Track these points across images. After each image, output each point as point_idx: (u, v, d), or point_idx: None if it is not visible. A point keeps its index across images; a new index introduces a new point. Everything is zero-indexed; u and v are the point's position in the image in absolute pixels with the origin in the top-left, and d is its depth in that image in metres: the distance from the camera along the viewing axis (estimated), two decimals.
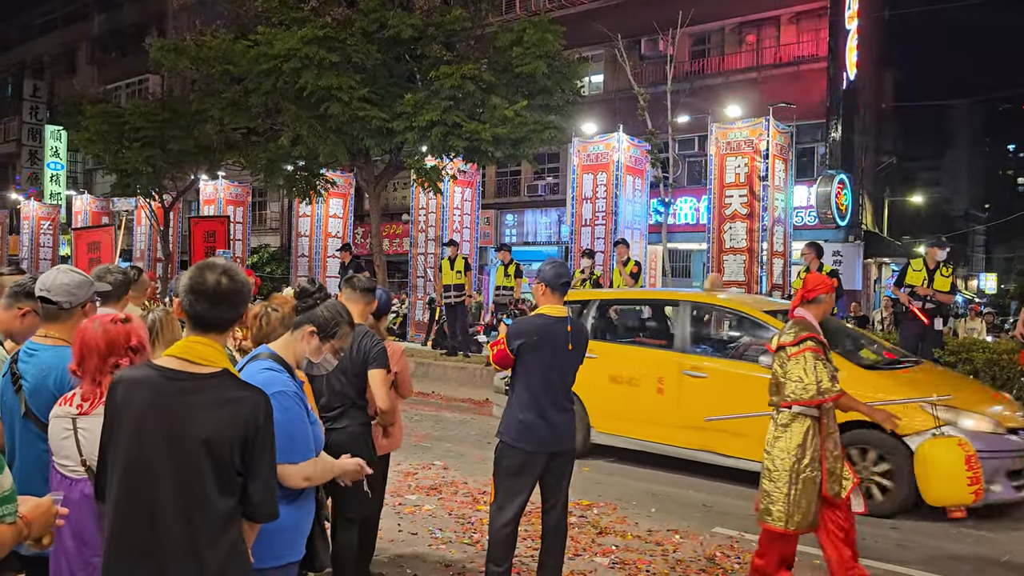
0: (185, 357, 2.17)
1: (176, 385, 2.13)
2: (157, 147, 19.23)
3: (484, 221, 25.46)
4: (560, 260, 4.78)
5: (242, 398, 2.16)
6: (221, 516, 2.11)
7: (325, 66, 13.54)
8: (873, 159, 26.97)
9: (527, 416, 4.35)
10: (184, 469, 2.09)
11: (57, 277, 3.01)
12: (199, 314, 2.20)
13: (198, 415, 2.10)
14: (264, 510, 2.21)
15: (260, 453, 2.16)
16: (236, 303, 2.22)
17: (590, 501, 6.62)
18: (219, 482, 2.11)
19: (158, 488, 2.09)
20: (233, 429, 2.11)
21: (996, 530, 6.16)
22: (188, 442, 2.09)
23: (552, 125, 14.71)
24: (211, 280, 2.18)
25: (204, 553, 2.08)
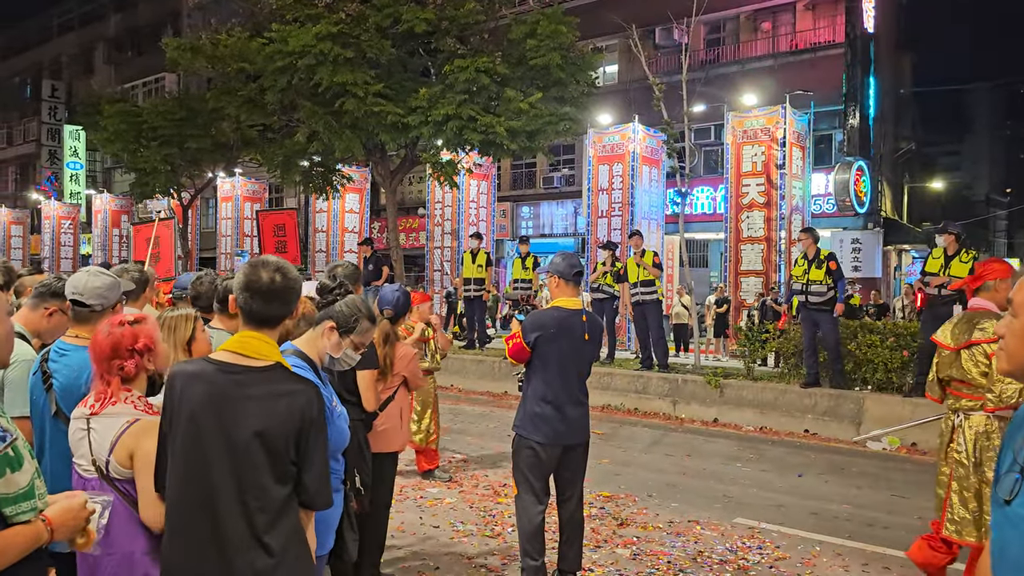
0: (240, 351, 2.24)
1: (232, 378, 2.20)
2: (175, 145, 19.38)
3: (500, 214, 25.47)
4: (572, 252, 4.78)
5: (296, 391, 2.22)
6: (278, 503, 2.18)
7: (340, 62, 13.56)
8: (892, 145, 26.68)
9: (543, 409, 4.38)
10: (240, 459, 2.16)
11: (89, 280, 3.05)
12: (254, 311, 2.27)
13: (253, 407, 2.17)
14: (320, 498, 2.29)
15: (314, 444, 2.22)
16: (289, 300, 2.30)
17: (610, 493, 6.64)
18: (274, 471, 2.17)
19: (215, 478, 2.16)
20: (288, 421, 2.17)
21: None
22: (244, 433, 2.16)
23: (567, 117, 14.68)
24: (265, 278, 2.25)
25: (264, 538, 2.15)
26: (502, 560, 5.06)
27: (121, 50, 40.97)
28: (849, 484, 7.13)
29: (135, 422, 2.45)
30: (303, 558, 2.27)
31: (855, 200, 21.59)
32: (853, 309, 10.86)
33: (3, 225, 31.01)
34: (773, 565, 5.05)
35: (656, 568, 4.95)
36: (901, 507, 6.42)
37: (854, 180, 21.42)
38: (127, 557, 2.42)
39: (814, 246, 9.59)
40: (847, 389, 9.35)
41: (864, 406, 8.98)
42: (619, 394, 10.91)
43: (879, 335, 9.36)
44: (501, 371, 11.89)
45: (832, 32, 22.71)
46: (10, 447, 1.92)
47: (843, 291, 9.28)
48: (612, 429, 9.51)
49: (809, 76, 21.64)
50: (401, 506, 6.18)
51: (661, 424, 9.98)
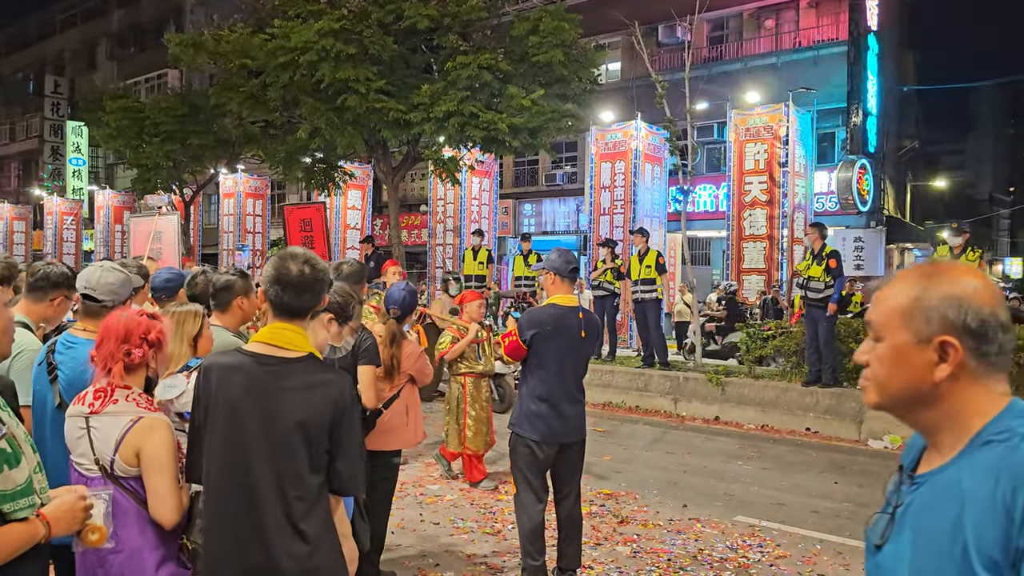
0: (274, 342, 2.28)
1: (268, 369, 2.25)
2: (177, 142, 19.41)
3: (502, 211, 25.45)
4: (568, 248, 4.73)
5: (330, 380, 2.29)
6: (314, 491, 2.24)
7: (342, 58, 13.57)
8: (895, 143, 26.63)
9: (539, 407, 4.37)
10: (279, 449, 2.21)
11: (102, 276, 3.04)
12: (285, 303, 2.30)
13: (291, 398, 2.22)
14: (353, 484, 2.36)
15: (348, 432, 2.28)
16: (318, 291, 2.33)
17: (611, 490, 6.63)
18: (311, 460, 2.22)
19: (255, 467, 2.20)
20: (324, 411, 2.23)
21: None
22: (283, 423, 2.20)
23: (569, 114, 14.68)
24: (295, 270, 2.28)
25: (301, 525, 2.20)
26: (502, 557, 5.05)
27: (124, 46, 40.97)
28: (850, 482, 7.11)
29: (139, 420, 2.44)
30: (335, 545, 2.31)
31: (858, 198, 21.54)
32: (844, 306, 10.72)
33: (5, 221, 31.02)
34: (774, 563, 5.04)
35: (656, 566, 4.95)
36: None
37: (857, 178, 21.38)
38: (135, 554, 2.42)
39: (820, 241, 9.55)
40: (839, 387, 9.32)
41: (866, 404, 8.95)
42: (620, 392, 10.89)
43: None
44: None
45: (835, 30, 22.66)
46: (5, 441, 1.91)
47: (839, 290, 9.21)
48: (613, 427, 9.50)
49: (812, 74, 21.59)
50: (401, 503, 6.17)
51: (662, 422, 9.97)
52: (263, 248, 25.41)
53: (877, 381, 1.35)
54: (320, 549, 2.23)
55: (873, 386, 1.36)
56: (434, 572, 4.82)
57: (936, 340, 1.27)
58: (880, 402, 1.37)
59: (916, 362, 1.29)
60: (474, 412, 6.75)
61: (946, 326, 1.26)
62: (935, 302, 1.28)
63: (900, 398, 1.33)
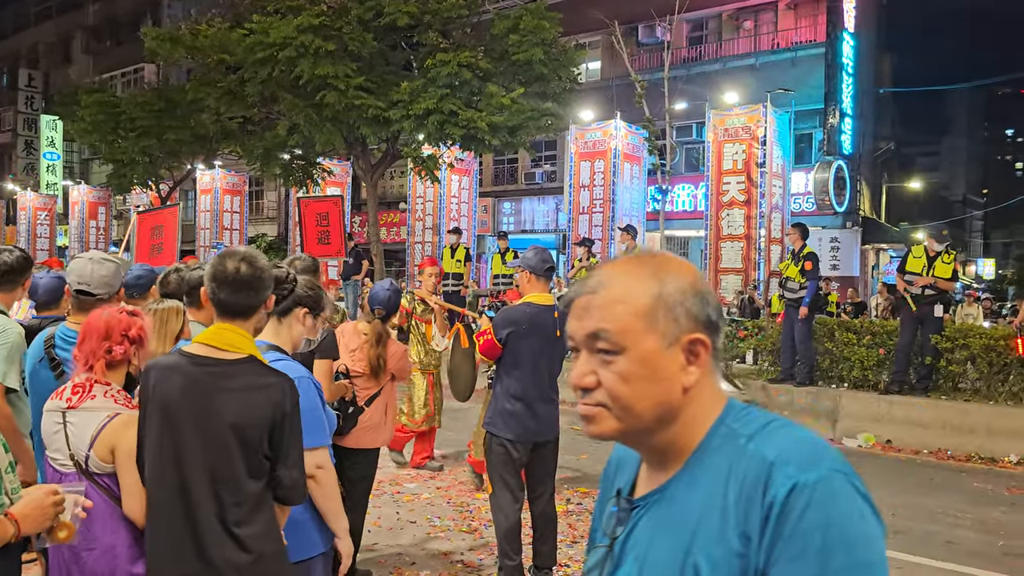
0: (213, 344, 2.24)
1: (206, 371, 2.21)
2: (153, 137, 19.21)
3: (482, 209, 25.43)
4: (544, 247, 4.73)
5: (271, 384, 2.23)
6: (252, 497, 2.19)
7: (321, 54, 13.49)
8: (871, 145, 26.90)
9: (513, 406, 4.37)
10: (214, 452, 2.16)
11: (95, 269, 3.01)
12: (222, 301, 2.27)
13: (228, 400, 2.18)
14: (294, 493, 2.28)
15: (288, 438, 2.23)
16: (256, 289, 2.28)
17: (588, 488, 6.65)
18: (248, 465, 2.17)
19: (189, 470, 2.16)
20: (262, 414, 2.18)
21: None
22: (218, 426, 2.16)
23: (549, 112, 14.69)
24: (231, 268, 2.25)
25: (238, 532, 2.15)
26: (479, 555, 5.05)
27: (100, 40, 40.48)
28: None
29: (115, 416, 2.42)
30: (279, 555, 2.25)
31: (834, 199, 21.76)
32: (821, 306, 10.77)
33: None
34: None
35: None
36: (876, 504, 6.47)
37: (833, 179, 21.59)
38: (109, 551, 2.40)
39: (800, 242, 9.64)
40: (813, 386, 9.41)
41: (840, 403, 9.05)
42: None
43: (856, 333, 9.43)
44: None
45: (813, 31, 22.86)
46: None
47: (811, 293, 9.30)
48: None
49: (790, 75, 21.76)
50: (378, 501, 6.15)
51: None
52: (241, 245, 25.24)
53: (620, 405, 1.10)
54: (263, 560, 2.17)
55: (613, 413, 1.11)
56: (410, 570, 4.80)
57: (685, 339, 1.11)
58: (622, 430, 1.12)
59: (667, 370, 1.10)
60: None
61: (692, 322, 1.11)
62: (678, 296, 1.11)
63: (648, 419, 1.11)
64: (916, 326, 8.75)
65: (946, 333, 8.83)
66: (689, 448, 1.12)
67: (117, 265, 3.12)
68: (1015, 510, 6.37)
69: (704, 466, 1.10)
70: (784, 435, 1.08)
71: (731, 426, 1.11)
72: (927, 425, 8.41)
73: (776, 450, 1.04)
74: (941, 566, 5.06)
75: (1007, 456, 7.88)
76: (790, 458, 1.03)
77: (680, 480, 1.12)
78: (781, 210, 15.15)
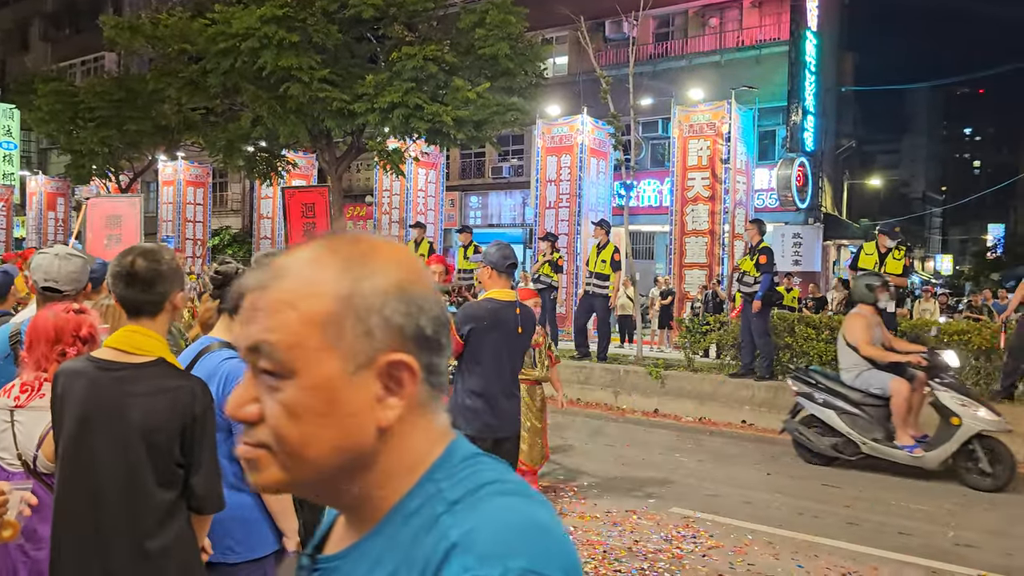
0: (120, 347, 2.16)
1: (112, 375, 2.13)
2: (113, 127, 18.82)
3: (448, 203, 25.35)
4: (506, 242, 4.72)
5: (180, 387, 2.14)
6: (161, 508, 2.10)
7: (285, 46, 13.33)
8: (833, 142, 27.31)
9: (474, 402, 4.37)
10: (122, 460, 2.08)
11: (62, 266, 2.96)
12: (121, 297, 2.21)
13: (135, 405, 2.09)
14: (211, 501, 2.20)
15: (200, 443, 2.15)
16: (153, 284, 2.18)
17: (549, 483, 6.68)
18: (157, 474, 2.10)
19: (97, 478, 2.09)
20: (171, 419, 2.10)
21: None
22: (125, 432, 2.08)
23: (515, 107, 14.69)
24: (126, 263, 2.18)
25: (146, 543, 2.08)
26: None
27: (58, 27, 39.57)
28: (783, 474, 7.30)
29: None
30: (191, 567, 2.19)
31: (796, 195, 22.06)
32: (774, 300, 10.83)
33: None
34: (706, 554, 5.14)
35: (592, 558, 5.00)
36: (832, 497, 6.60)
37: (796, 175, 21.89)
38: None
39: (757, 237, 9.80)
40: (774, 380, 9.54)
41: None
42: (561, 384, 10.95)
43: (815, 328, 9.58)
44: None
45: (778, 29, 23.11)
46: None
47: (764, 287, 9.45)
48: (553, 419, 9.53)
49: (755, 72, 21.99)
50: None
51: (603, 414, 10.08)
52: (204, 238, 24.88)
53: (286, 449, 0.79)
54: (168, 571, 2.11)
55: (277, 459, 0.80)
56: None
57: (382, 361, 0.79)
58: (291, 482, 0.81)
59: (354, 403, 0.79)
60: (528, 423, 6.07)
61: (393, 336, 0.80)
62: (375, 300, 0.79)
63: (326, 469, 0.80)
64: None
65: (901, 328, 9.01)
66: (386, 506, 0.82)
67: (84, 260, 3.08)
68: (966, 501, 6.53)
69: (389, 538, 0.80)
70: (491, 508, 0.78)
71: (439, 484, 0.80)
72: None
73: (465, 529, 0.75)
74: (892, 556, 5.18)
75: None
76: (475, 543, 0.74)
77: (362, 549, 0.83)
78: (745, 206, 15.33)
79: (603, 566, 4.87)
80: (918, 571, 4.98)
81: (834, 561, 5.05)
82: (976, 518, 6.10)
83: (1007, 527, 5.90)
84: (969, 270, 48.75)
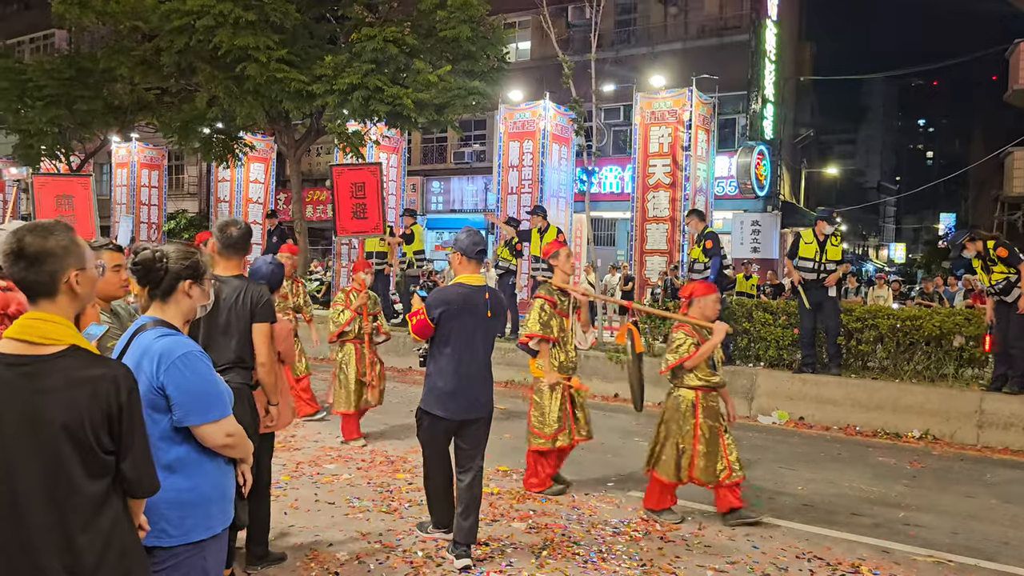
0: (25, 338, 2.02)
1: (19, 371, 1.99)
2: (62, 106, 18.21)
3: (410, 188, 25.17)
4: (476, 229, 4.80)
5: (98, 376, 2.03)
6: (92, 500, 2.02)
7: (241, 24, 13.00)
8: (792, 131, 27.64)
9: (447, 384, 4.50)
10: (45, 458, 1.97)
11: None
12: (12, 278, 2.08)
13: (51, 401, 1.98)
14: (143, 486, 2.13)
15: (129, 429, 2.05)
16: (40, 261, 2.03)
17: (508, 467, 6.67)
18: (85, 466, 2.01)
19: (19, 480, 1.97)
20: (93, 409, 2.00)
21: None
22: (44, 430, 1.97)
23: (476, 91, 14.55)
24: (13, 240, 2.04)
25: (77, 539, 1.99)
26: (397, 536, 5.01)
27: (6, 3, 38.34)
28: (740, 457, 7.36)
29: None
30: (130, 553, 2.12)
31: (755, 183, 22.31)
32: (725, 285, 10.93)
33: None
34: (664, 535, 5.17)
35: (550, 540, 5.01)
36: (786, 478, 6.69)
37: (755, 164, 22.13)
38: None
39: (701, 224, 9.99)
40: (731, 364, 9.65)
41: (756, 381, 9.31)
42: (523, 369, 10.93)
43: (772, 314, 9.70)
44: (406, 347, 11.79)
45: (739, 19, 23.28)
46: None
47: (715, 269, 9.56)
48: (515, 404, 9.56)
49: (716, 60, 22.15)
50: (296, 483, 6.06)
51: None
52: (159, 222, 24.35)
53: None
54: (107, 561, 2.04)
55: None
56: (327, 551, 4.74)
57: None
58: None
59: None
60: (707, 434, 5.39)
61: None
62: None
63: None
64: (814, 313, 9.04)
65: (856, 314, 9.16)
66: None
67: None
68: (916, 483, 6.67)
69: None
70: None
71: None
72: (837, 402, 8.73)
73: None
74: (844, 536, 5.26)
75: (911, 431, 8.25)
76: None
77: None
78: (705, 193, 15.43)
79: (561, 547, 4.88)
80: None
81: (789, 542, 5.12)
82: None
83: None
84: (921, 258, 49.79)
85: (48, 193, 8.33)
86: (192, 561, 2.55)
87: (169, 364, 2.48)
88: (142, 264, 2.63)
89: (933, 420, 8.21)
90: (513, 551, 4.83)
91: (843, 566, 4.76)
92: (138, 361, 2.49)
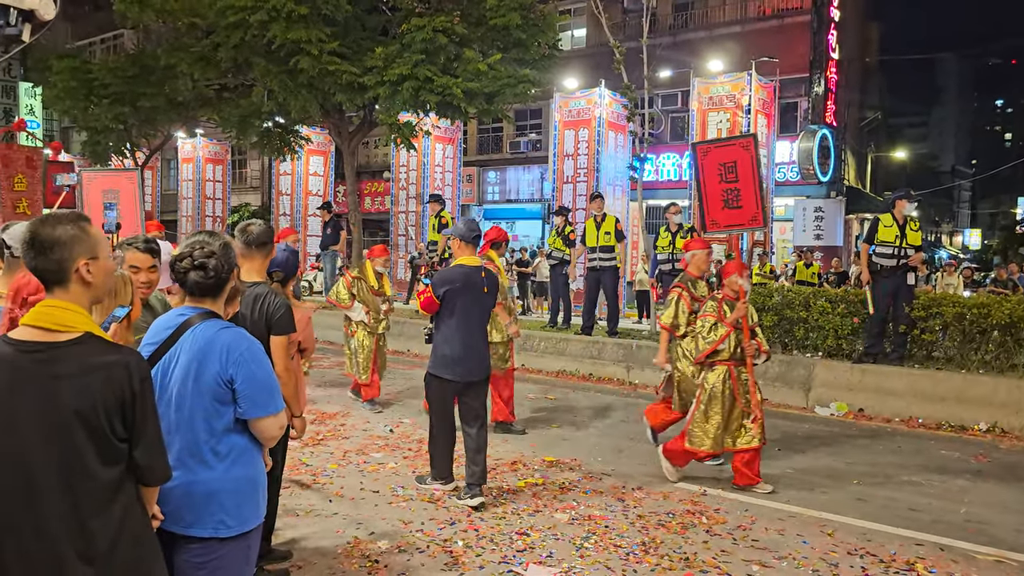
0: (41, 325, 2.04)
1: (35, 357, 2.02)
2: (127, 104, 18.78)
3: (466, 178, 25.22)
4: (471, 218, 5.14)
5: (112, 362, 2.04)
6: (105, 486, 2.04)
7: (294, 18, 13.14)
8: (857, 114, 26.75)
9: (452, 351, 5.29)
10: (59, 443, 2.00)
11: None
12: (27, 266, 2.12)
13: (66, 387, 1.99)
14: (155, 474, 2.15)
15: (142, 417, 2.07)
16: (48, 249, 2.05)
17: (555, 457, 6.60)
18: (99, 452, 2.02)
19: (34, 466, 1.99)
20: (107, 395, 2.01)
21: None
22: (59, 415, 1.99)
23: (526, 79, 14.39)
24: (29, 229, 2.08)
25: (90, 524, 2.01)
26: (439, 525, 4.99)
27: (78, 5, 39.66)
28: (794, 449, 7.15)
29: None
30: (142, 540, 2.13)
31: (818, 168, 21.67)
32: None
33: None
34: (709, 528, 5.04)
35: (593, 532, 4.92)
36: (842, 472, 6.46)
37: (818, 148, 21.48)
38: None
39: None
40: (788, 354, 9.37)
41: (814, 372, 9.02)
42: (573, 360, 10.87)
43: (831, 302, 9.37)
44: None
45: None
46: None
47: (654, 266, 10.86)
48: (564, 394, 9.48)
49: (776, 43, 21.57)
50: (343, 471, 6.11)
51: (614, 389, 9.96)
52: (223, 215, 24.96)
53: None
54: (119, 548, 2.05)
55: None
56: (368, 540, 4.75)
57: None
58: None
59: None
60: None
61: None
62: None
63: None
64: (891, 297, 8.69)
65: (920, 301, 8.79)
66: None
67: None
68: (980, 477, 6.37)
69: None
70: None
71: None
72: (899, 394, 8.40)
73: None
74: (901, 533, 5.04)
75: (976, 424, 7.88)
76: None
77: None
78: (766, 180, 15.03)
79: (604, 540, 4.80)
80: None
81: (846, 538, 4.93)
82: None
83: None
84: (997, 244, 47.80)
85: (95, 188, 8.54)
86: (237, 552, 2.59)
87: (238, 356, 2.52)
88: (215, 275, 2.64)
89: (1001, 412, 7.83)
90: (555, 542, 4.76)
91: (897, 563, 4.56)
92: (202, 353, 2.51)
